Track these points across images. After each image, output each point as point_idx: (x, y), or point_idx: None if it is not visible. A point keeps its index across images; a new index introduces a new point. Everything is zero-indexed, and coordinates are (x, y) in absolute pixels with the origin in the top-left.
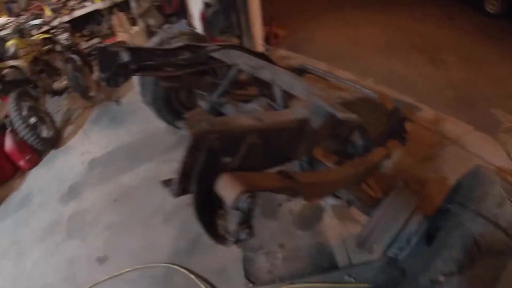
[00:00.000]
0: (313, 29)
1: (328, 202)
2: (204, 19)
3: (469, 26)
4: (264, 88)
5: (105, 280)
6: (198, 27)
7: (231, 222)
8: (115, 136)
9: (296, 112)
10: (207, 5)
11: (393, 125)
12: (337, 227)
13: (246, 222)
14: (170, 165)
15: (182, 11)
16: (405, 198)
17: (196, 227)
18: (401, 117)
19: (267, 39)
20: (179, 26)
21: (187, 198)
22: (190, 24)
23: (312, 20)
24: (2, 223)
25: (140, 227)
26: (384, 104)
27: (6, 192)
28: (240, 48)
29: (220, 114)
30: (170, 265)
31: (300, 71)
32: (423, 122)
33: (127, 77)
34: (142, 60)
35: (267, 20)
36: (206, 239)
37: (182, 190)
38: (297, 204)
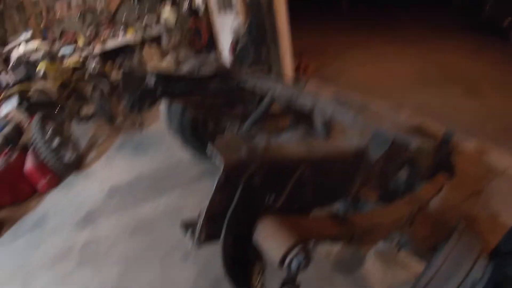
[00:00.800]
0: (342, 62)
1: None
2: (234, 51)
3: (499, 56)
4: (300, 118)
5: None
6: (227, 60)
7: (271, 280)
8: (137, 165)
9: (351, 141)
10: (237, 38)
11: (442, 157)
12: (382, 272)
13: (292, 281)
14: (193, 198)
15: (212, 46)
16: (468, 240)
17: (219, 267)
18: (449, 148)
19: (296, 73)
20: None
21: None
22: (218, 58)
23: (342, 53)
24: (13, 243)
25: (157, 262)
26: (434, 133)
27: (22, 213)
28: (273, 78)
29: None
30: None
31: None
32: (466, 154)
33: (152, 103)
34: (170, 86)
35: (297, 54)
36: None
37: (207, 236)
38: (334, 246)
